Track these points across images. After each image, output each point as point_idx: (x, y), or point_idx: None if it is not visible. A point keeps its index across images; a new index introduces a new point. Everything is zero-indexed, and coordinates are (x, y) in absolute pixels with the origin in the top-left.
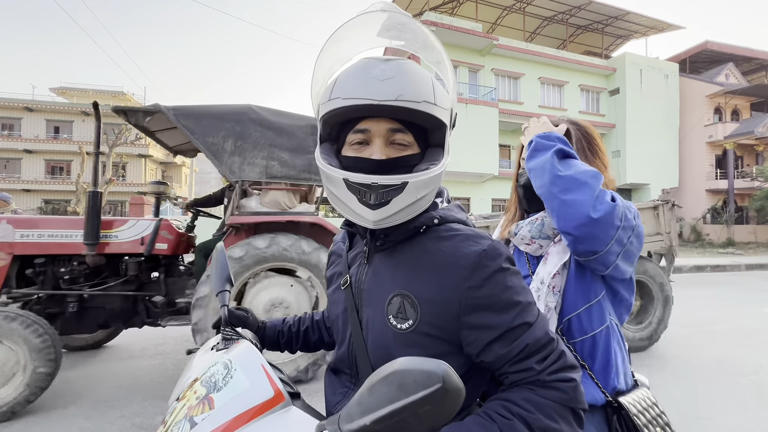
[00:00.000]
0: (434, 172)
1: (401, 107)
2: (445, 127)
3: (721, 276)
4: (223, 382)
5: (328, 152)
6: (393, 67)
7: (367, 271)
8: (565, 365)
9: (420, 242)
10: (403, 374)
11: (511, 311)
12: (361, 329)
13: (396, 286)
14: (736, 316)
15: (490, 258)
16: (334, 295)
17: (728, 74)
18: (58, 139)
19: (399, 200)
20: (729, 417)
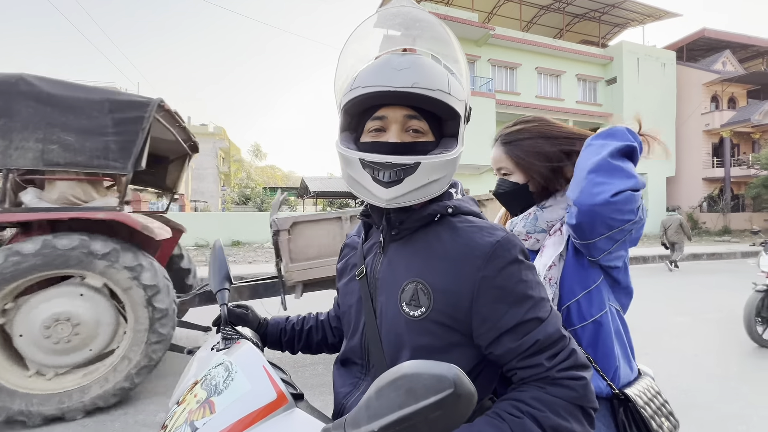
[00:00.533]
0: (447, 156)
1: (416, 93)
2: (459, 117)
3: (718, 264)
4: (224, 385)
5: (346, 139)
6: (409, 60)
7: (382, 261)
8: (575, 363)
9: (435, 231)
10: (412, 378)
11: (523, 305)
12: (375, 318)
13: (410, 273)
14: (732, 304)
15: (504, 249)
16: (347, 287)
17: (725, 62)
18: None
19: (411, 180)
20: (725, 405)
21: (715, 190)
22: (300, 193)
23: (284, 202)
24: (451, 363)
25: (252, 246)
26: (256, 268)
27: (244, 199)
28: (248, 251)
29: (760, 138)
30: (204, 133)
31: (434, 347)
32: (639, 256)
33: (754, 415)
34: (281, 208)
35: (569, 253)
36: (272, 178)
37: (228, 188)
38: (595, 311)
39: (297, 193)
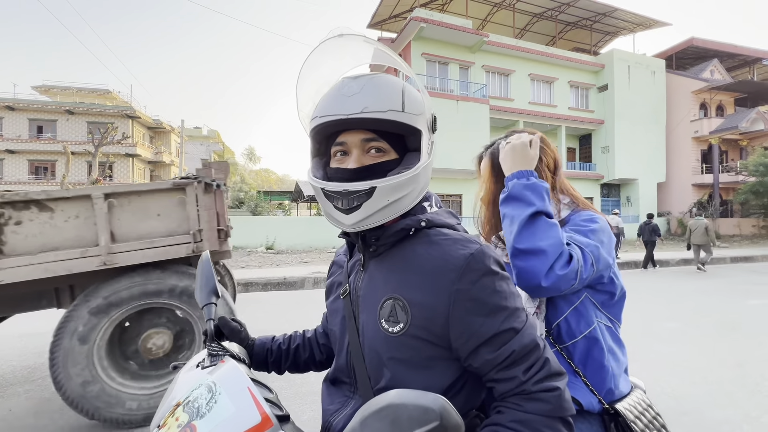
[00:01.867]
0: (405, 176)
1: (367, 118)
2: (419, 132)
3: (708, 269)
4: (207, 408)
5: (317, 166)
6: (360, 83)
7: (363, 278)
8: (549, 373)
9: (410, 246)
10: (397, 409)
11: (498, 315)
12: (358, 336)
13: (388, 289)
14: (721, 310)
15: (478, 261)
16: (333, 305)
17: (713, 70)
18: (42, 138)
19: (369, 204)
20: (715, 411)
21: (704, 196)
22: (294, 197)
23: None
24: (433, 377)
25: (245, 250)
26: (250, 273)
27: (237, 203)
28: (242, 256)
29: (748, 145)
30: (198, 136)
31: (415, 362)
32: (631, 261)
33: (744, 421)
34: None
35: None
36: (266, 181)
37: None
38: (583, 327)
39: (291, 197)
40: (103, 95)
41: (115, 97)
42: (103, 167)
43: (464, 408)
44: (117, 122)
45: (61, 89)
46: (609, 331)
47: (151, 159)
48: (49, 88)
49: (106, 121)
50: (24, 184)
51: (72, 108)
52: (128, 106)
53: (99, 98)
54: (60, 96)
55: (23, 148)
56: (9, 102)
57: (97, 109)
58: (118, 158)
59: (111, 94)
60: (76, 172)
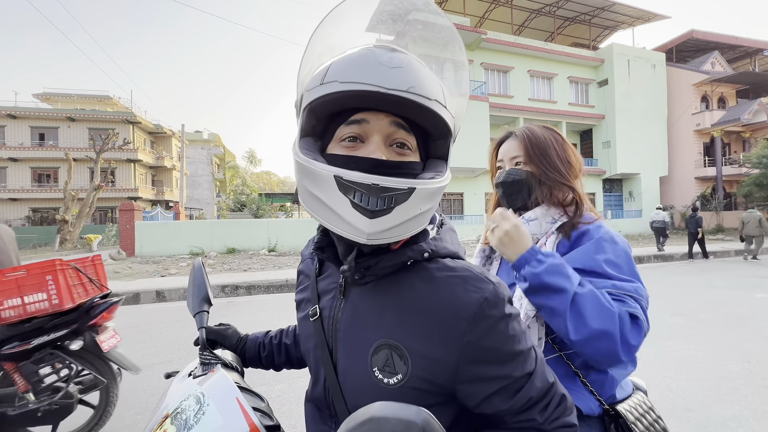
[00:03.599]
0: (442, 182)
1: (412, 100)
2: (450, 136)
3: (712, 263)
4: (195, 420)
5: (310, 147)
6: (401, 58)
7: (343, 308)
8: (565, 411)
9: (408, 280)
10: (380, 422)
11: (513, 362)
12: (336, 374)
13: (381, 333)
14: (727, 304)
15: (492, 307)
16: (303, 325)
17: (714, 62)
18: (44, 146)
19: (401, 210)
20: (722, 407)
21: (707, 189)
22: (295, 199)
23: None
24: None
25: (248, 253)
26: (252, 276)
27: (239, 206)
28: (244, 258)
29: (750, 137)
30: (199, 140)
31: None
32: (634, 256)
33: (752, 416)
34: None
35: None
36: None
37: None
38: None
39: (293, 199)
40: (104, 101)
41: (115, 103)
42: (105, 173)
43: None
44: (118, 128)
45: (62, 96)
46: None
47: (152, 164)
48: (50, 95)
49: (107, 128)
50: (28, 192)
51: (73, 115)
52: (129, 112)
53: (100, 104)
54: (61, 103)
55: (26, 155)
56: (11, 110)
57: (98, 116)
58: (120, 164)
59: (111, 100)
60: (79, 179)
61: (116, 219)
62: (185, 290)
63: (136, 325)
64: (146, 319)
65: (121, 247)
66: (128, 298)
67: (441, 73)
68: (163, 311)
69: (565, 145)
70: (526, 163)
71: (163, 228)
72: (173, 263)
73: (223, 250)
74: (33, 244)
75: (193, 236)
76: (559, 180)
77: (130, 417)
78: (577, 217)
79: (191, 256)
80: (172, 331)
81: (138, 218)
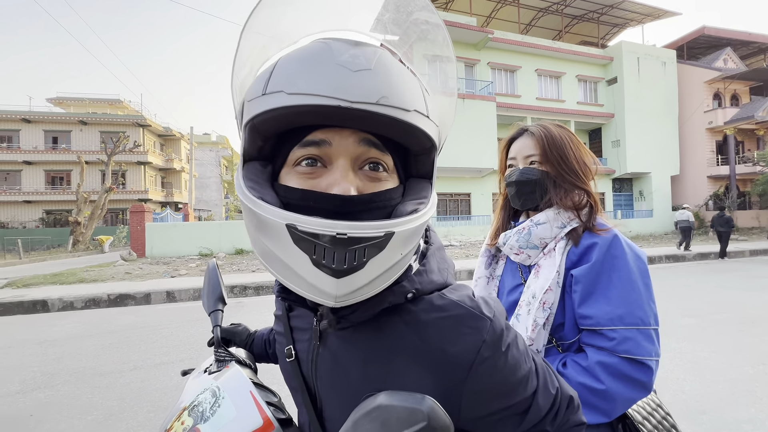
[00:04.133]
0: (425, 215)
1: (384, 114)
2: (435, 150)
3: (725, 263)
4: (211, 412)
5: (257, 177)
6: (368, 55)
7: (321, 354)
8: (573, 412)
9: (391, 325)
10: (386, 410)
11: (517, 389)
12: (321, 420)
13: (367, 384)
14: (741, 305)
15: (493, 348)
16: (281, 362)
17: (726, 59)
18: (57, 149)
19: (378, 262)
20: (737, 409)
21: (720, 188)
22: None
23: None
24: None
25: (254, 254)
26: (260, 277)
27: None
28: (252, 259)
29: (765, 134)
30: (207, 143)
31: None
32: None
33: (767, 419)
34: None
35: (567, 299)
36: None
37: (231, 196)
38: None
39: None
40: (115, 105)
41: (126, 107)
42: (116, 175)
43: None
44: (129, 131)
45: (74, 100)
46: None
47: (162, 166)
48: (63, 99)
49: (118, 131)
50: (41, 194)
51: (85, 118)
52: (139, 115)
53: (111, 108)
54: (74, 107)
55: (40, 159)
56: (25, 115)
57: (109, 119)
58: (131, 166)
59: (122, 103)
60: (91, 181)
61: (127, 220)
62: (195, 291)
63: (147, 325)
64: (157, 319)
65: (131, 248)
66: (139, 299)
67: (423, 69)
68: (173, 311)
69: (581, 146)
70: (542, 162)
71: (172, 229)
72: (183, 264)
73: (231, 251)
74: (47, 246)
75: (202, 237)
76: (576, 183)
77: (143, 415)
78: (590, 222)
79: (200, 257)
80: (182, 331)
81: (148, 220)
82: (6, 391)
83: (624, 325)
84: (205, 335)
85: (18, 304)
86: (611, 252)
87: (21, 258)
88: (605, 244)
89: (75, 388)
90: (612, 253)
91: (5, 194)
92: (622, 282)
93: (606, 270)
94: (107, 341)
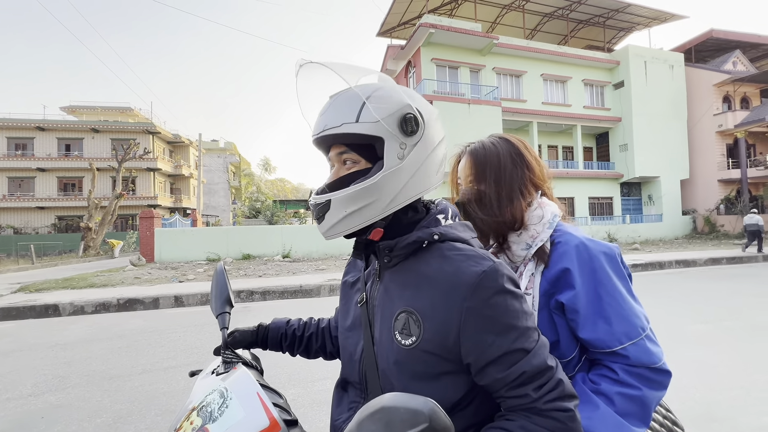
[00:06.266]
0: (356, 188)
1: (326, 135)
2: (379, 139)
3: (738, 268)
4: (219, 412)
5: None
6: (329, 102)
7: (379, 288)
8: (562, 394)
9: (424, 259)
10: (390, 411)
11: (509, 335)
12: (373, 345)
13: (403, 302)
14: (754, 311)
15: (491, 279)
16: (345, 309)
17: (735, 62)
18: (70, 156)
19: (330, 215)
20: (749, 418)
21: (731, 191)
22: (308, 206)
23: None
24: (444, 390)
25: (262, 259)
26: (266, 282)
27: (254, 213)
28: (259, 264)
29: None
30: (215, 149)
31: (426, 375)
32: (655, 261)
33: None
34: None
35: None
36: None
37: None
38: None
39: (306, 205)
40: (126, 113)
41: (136, 115)
42: (126, 182)
43: (474, 420)
44: (139, 138)
45: (86, 109)
46: None
47: (171, 172)
48: (76, 108)
49: (128, 138)
50: (54, 200)
51: (97, 126)
52: (149, 123)
53: (122, 116)
54: (86, 115)
55: (53, 166)
56: (39, 123)
57: (120, 127)
58: (140, 173)
59: (133, 111)
60: (102, 187)
61: (137, 226)
62: (203, 295)
63: (156, 330)
64: (166, 323)
65: (141, 254)
66: (148, 303)
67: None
68: (181, 316)
69: (523, 155)
70: (479, 181)
71: (181, 235)
72: (191, 269)
73: (238, 256)
74: (58, 251)
75: (210, 242)
76: (511, 196)
77: (150, 418)
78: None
79: (208, 262)
80: (190, 335)
81: (157, 225)
82: (18, 393)
83: (630, 340)
84: (212, 339)
85: (30, 308)
86: (589, 266)
87: (33, 263)
88: (578, 258)
89: (85, 391)
90: (591, 267)
91: (19, 200)
92: (610, 296)
93: (592, 289)
94: (116, 345)
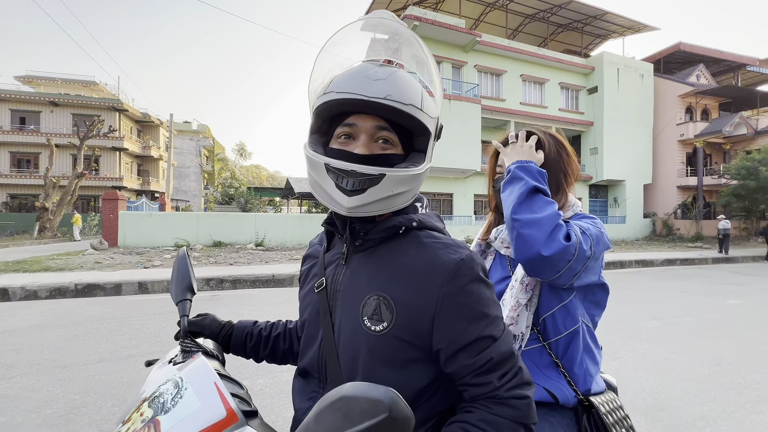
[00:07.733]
0: (413, 171)
1: (389, 105)
2: (429, 134)
3: (690, 269)
4: (172, 403)
5: (315, 142)
6: (386, 71)
7: (344, 272)
8: (521, 382)
9: (399, 245)
10: (349, 401)
11: (481, 322)
12: (333, 332)
13: (373, 287)
14: (702, 309)
15: (468, 267)
16: (306, 298)
17: (699, 75)
18: (25, 130)
19: (374, 191)
20: (692, 407)
21: (688, 198)
22: (285, 194)
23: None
24: (409, 377)
25: (234, 247)
26: (237, 270)
27: (227, 199)
28: (230, 252)
29: (731, 149)
30: (187, 131)
31: (393, 362)
32: (617, 261)
33: (719, 417)
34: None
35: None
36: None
37: (211, 187)
38: (569, 325)
39: (282, 193)
40: (89, 87)
41: (101, 90)
42: (88, 161)
43: (436, 409)
44: (104, 115)
45: (45, 80)
46: (589, 332)
47: (138, 153)
48: (33, 78)
49: (92, 114)
50: (6, 177)
51: (56, 99)
52: (116, 99)
53: (85, 90)
54: (44, 87)
55: (5, 139)
56: None
57: (83, 101)
58: (105, 152)
59: (97, 86)
60: (61, 166)
61: (99, 208)
62: (169, 282)
63: (117, 317)
64: (128, 310)
65: (103, 237)
66: (109, 289)
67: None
68: (145, 303)
69: (570, 157)
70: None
71: (147, 219)
72: (157, 255)
73: (209, 243)
74: (10, 232)
75: (179, 228)
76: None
77: (107, 409)
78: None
79: (176, 248)
80: (153, 324)
81: (122, 208)
82: None
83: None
84: (177, 328)
85: None
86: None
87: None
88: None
89: (34, 381)
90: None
91: None
92: None
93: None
94: (72, 332)
